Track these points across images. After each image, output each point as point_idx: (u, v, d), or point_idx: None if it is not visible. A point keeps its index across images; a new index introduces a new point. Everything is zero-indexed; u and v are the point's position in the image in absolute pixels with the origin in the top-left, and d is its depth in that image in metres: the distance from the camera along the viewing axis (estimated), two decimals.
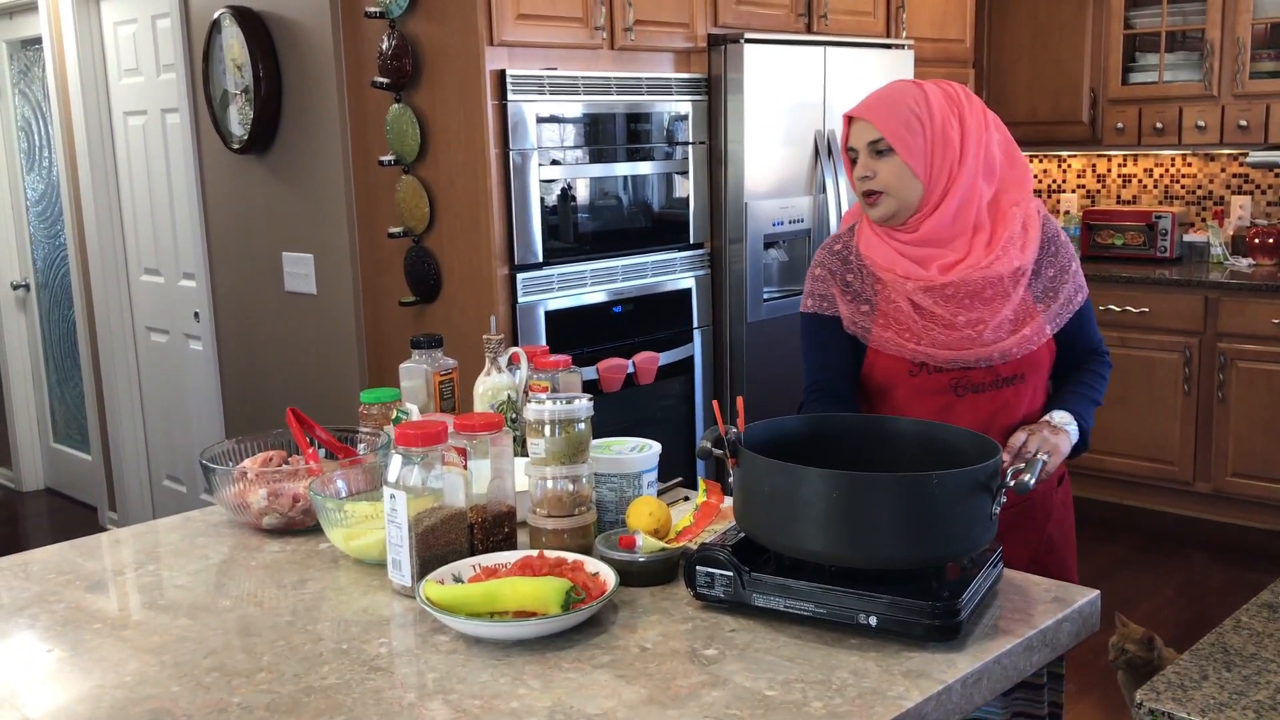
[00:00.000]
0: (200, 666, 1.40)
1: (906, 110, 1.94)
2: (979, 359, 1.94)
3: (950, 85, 2.00)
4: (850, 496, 1.38)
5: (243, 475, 1.88)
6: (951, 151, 1.94)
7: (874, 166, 1.96)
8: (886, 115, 1.95)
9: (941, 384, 1.96)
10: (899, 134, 1.93)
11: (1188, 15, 4.93)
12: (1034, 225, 1.98)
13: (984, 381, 1.97)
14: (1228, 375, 4.61)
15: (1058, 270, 2.00)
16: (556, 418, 1.63)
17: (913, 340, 1.95)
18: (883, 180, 1.95)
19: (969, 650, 1.38)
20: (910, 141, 1.93)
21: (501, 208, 3.27)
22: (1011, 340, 1.94)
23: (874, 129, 1.95)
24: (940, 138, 1.94)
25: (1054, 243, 2.01)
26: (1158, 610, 3.98)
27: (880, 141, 1.95)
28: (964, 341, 1.93)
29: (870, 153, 1.96)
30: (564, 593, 1.42)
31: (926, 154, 1.94)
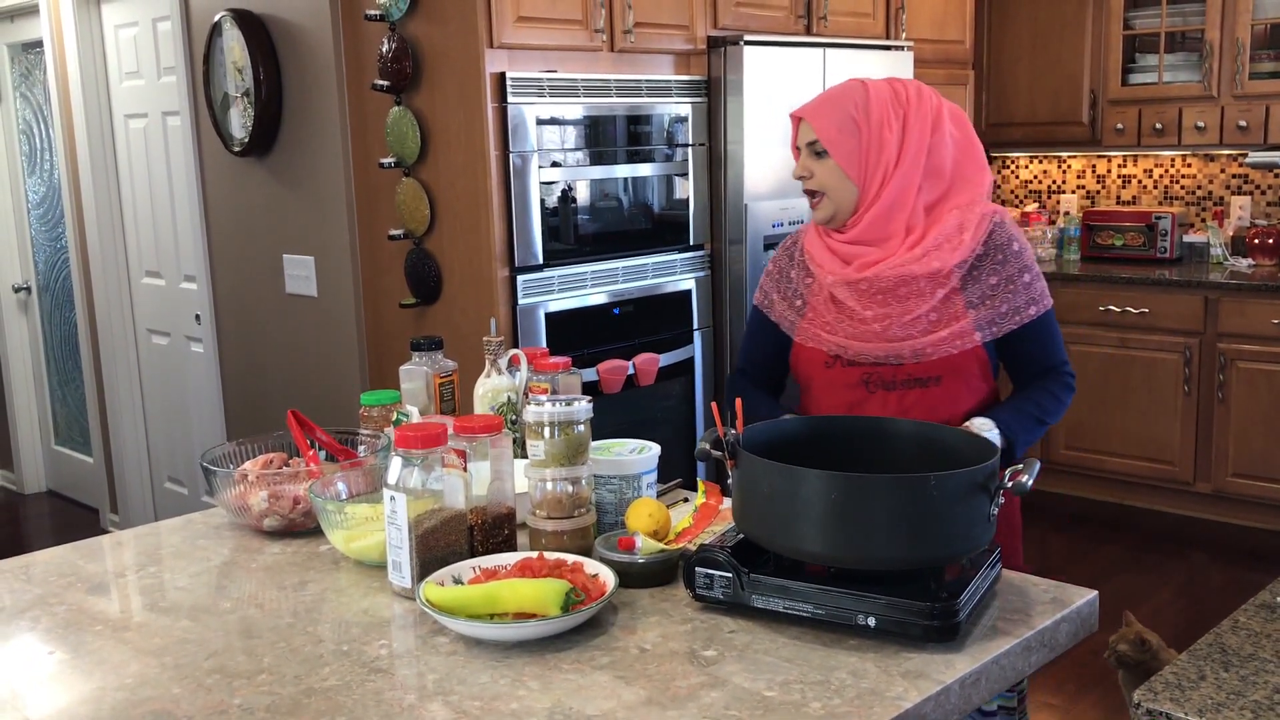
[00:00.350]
0: (201, 668, 1.40)
1: (844, 112, 1.97)
2: (887, 355, 1.95)
3: (904, 84, 2.00)
4: (848, 498, 1.39)
5: (243, 477, 1.88)
6: (887, 154, 1.95)
7: (811, 167, 2.00)
8: (824, 117, 1.97)
9: (853, 378, 1.98)
10: (832, 136, 1.96)
11: (1187, 16, 4.93)
12: (974, 229, 1.95)
13: (894, 379, 1.97)
14: (1228, 375, 4.61)
15: (1003, 279, 1.96)
16: (556, 419, 1.63)
17: (829, 333, 1.99)
18: (819, 181, 1.99)
19: (967, 651, 1.39)
20: (843, 144, 1.96)
21: (502, 210, 3.28)
22: (925, 340, 1.94)
23: (812, 130, 1.99)
24: (875, 141, 1.95)
25: (1003, 250, 1.97)
26: (1158, 610, 3.98)
27: (817, 143, 1.98)
28: (870, 335, 1.95)
29: (809, 153, 2.00)
30: (563, 594, 1.43)
31: (860, 156, 1.96)
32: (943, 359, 1.95)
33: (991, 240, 1.97)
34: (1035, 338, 2.00)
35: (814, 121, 1.98)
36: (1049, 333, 2.03)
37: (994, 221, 1.99)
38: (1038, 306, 1.99)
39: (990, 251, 1.97)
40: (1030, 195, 5.83)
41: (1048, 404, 2.01)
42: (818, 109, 2.00)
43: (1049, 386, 2.02)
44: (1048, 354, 2.03)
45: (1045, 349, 2.03)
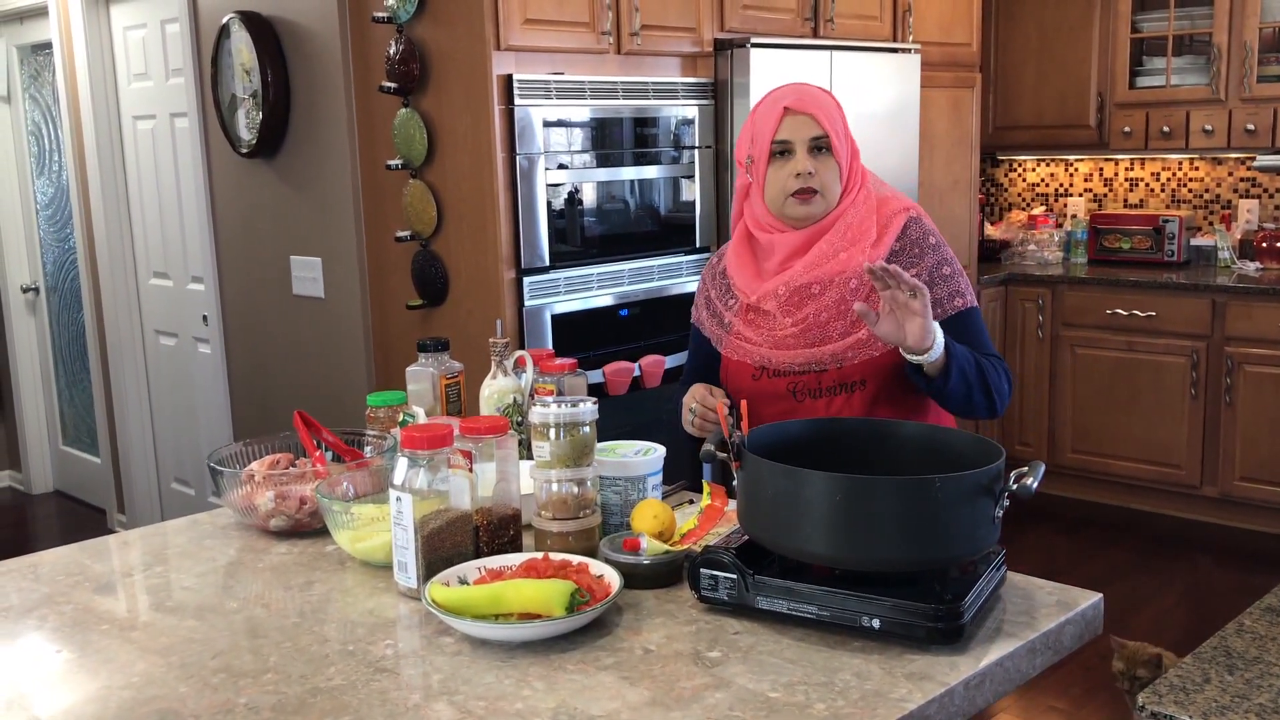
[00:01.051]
0: (207, 667, 1.41)
1: (836, 109, 1.96)
2: (808, 362, 1.92)
3: None
4: (853, 499, 1.39)
5: (250, 478, 1.89)
6: (858, 156, 1.99)
7: (813, 164, 1.92)
8: (830, 112, 1.95)
9: (780, 388, 1.95)
10: (839, 132, 1.95)
11: (1195, 19, 4.93)
12: (890, 226, 1.94)
13: (819, 386, 1.94)
14: (1235, 379, 4.60)
15: (921, 272, 1.92)
16: (561, 421, 1.64)
17: (752, 345, 1.97)
18: (821, 180, 1.93)
19: (972, 653, 1.39)
20: (841, 145, 1.95)
21: (508, 211, 3.28)
22: (844, 343, 1.90)
23: (817, 124, 1.92)
24: (851, 140, 1.98)
25: (919, 245, 1.95)
26: (1163, 614, 3.98)
27: (823, 138, 1.92)
28: (789, 343, 1.92)
29: (810, 149, 1.92)
30: (568, 595, 1.43)
31: (848, 156, 1.97)
32: (866, 362, 1.90)
33: (907, 234, 1.95)
34: (960, 332, 1.92)
35: (823, 116, 1.92)
36: (977, 327, 1.97)
37: (910, 217, 1.97)
38: (963, 299, 1.95)
39: (906, 246, 1.95)
40: (1037, 198, 5.82)
41: (988, 368, 1.92)
42: (818, 103, 1.94)
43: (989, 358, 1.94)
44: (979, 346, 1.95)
45: (973, 342, 1.94)
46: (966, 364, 1.85)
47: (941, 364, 1.82)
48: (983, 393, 1.89)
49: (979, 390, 1.88)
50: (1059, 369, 5.08)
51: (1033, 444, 5.18)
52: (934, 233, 1.99)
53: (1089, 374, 5.00)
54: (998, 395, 1.92)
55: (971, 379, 1.86)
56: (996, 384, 1.92)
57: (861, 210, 1.95)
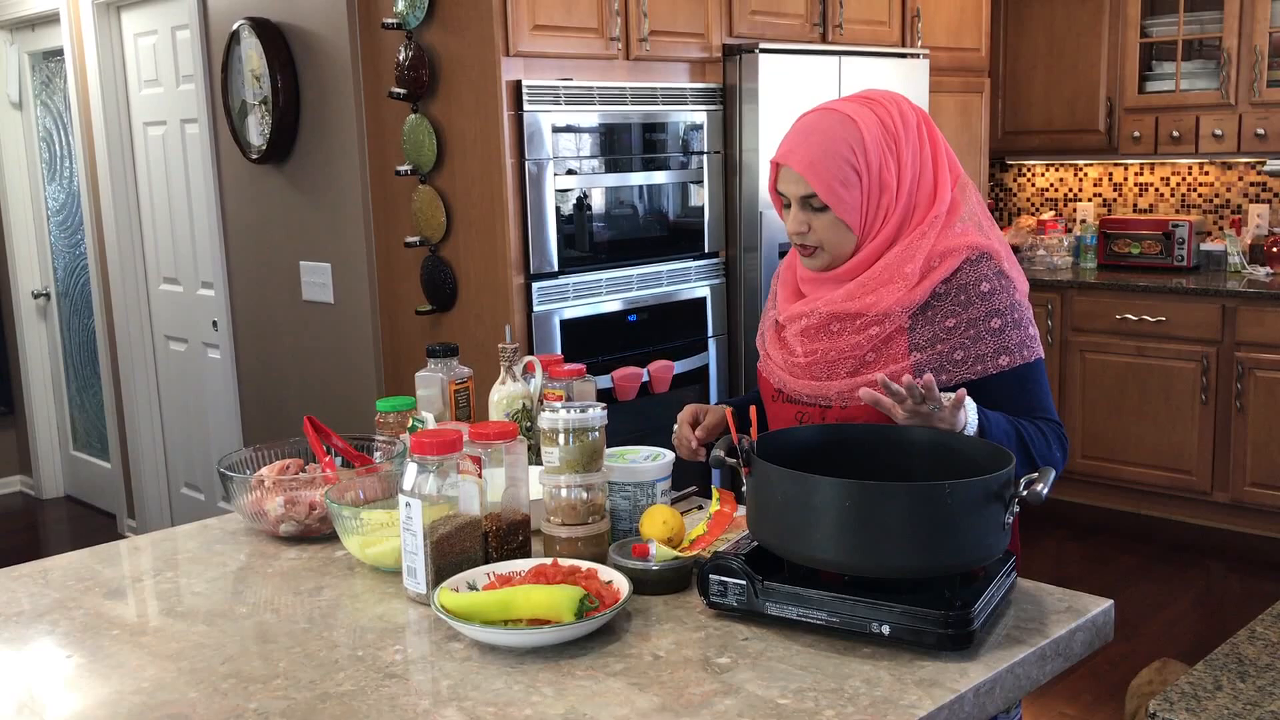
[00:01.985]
0: (217, 673, 1.41)
1: (842, 161, 1.74)
2: (815, 395, 1.79)
3: (884, 106, 1.79)
4: (863, 505, 1.39)
5: (260, 483, 1.89)
6: (888, 196, 1.77)
7: (808, 221, 1.78)
8: (821, 169, 1.74)
9: (789, 414, 1.83)
10: (834, 190, 1.75)
11: (1205, 24, 4.91)
12: (939, 268, 1.74)
13: (823, 420, 1.79)
14: (1246, 384, 4.59)
15: (962, 322, 1.73)
16: (570, 426, 1.64)
17: (774, 364, 1.88)
18: (818, 236, 1.78)
19: (982, 659, 1.38)
20: (846, 197, 1.75)
21: (517, 217, 3.29)
22: (853, 381, 1.75)
23: (805, 184, 1.76)
24: (877, 185, 1.76)
25: (967, 291, 1.74)
26: (1174, 620, 3.96)
27: (814, 198, 1.76)
28: (800, 371, 1.82)
29: (803, 206, 1.78)
30: (578, 601, 1.43)
31: (862, 207, 1.77)
32: (870, 408, 1.67)
33: (955, 279, 1.75)
34: (1007, 392, 1.74)
35: (810, 175, 1.75)
36: (1026, 388, 1.76)
37: (966, 258, 1.76)
38: (1010, 358, 1.74)
39: (952, 291, 1.74)
40: (1046, 203, 5.81)
41: (1033, 434, 1.74)
42: (810, 160, 1.75)
43: (1038, 425, 1.77)
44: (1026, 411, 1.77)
45: (1020, 405, 1.76)
46: (1005, 441, 1.69)
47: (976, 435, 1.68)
48: (1026, 467, 1.68)
49: (1022, 464, 1.67)
50: (1069, 374, 5.07)
51: None
52: (993, 277, 1.75)
53: (1099, 379, 4.98)
54: (1040, 456, 1.73)
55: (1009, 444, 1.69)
56: (1044, 455, 1.74)
57: (906, 250, 1.77)
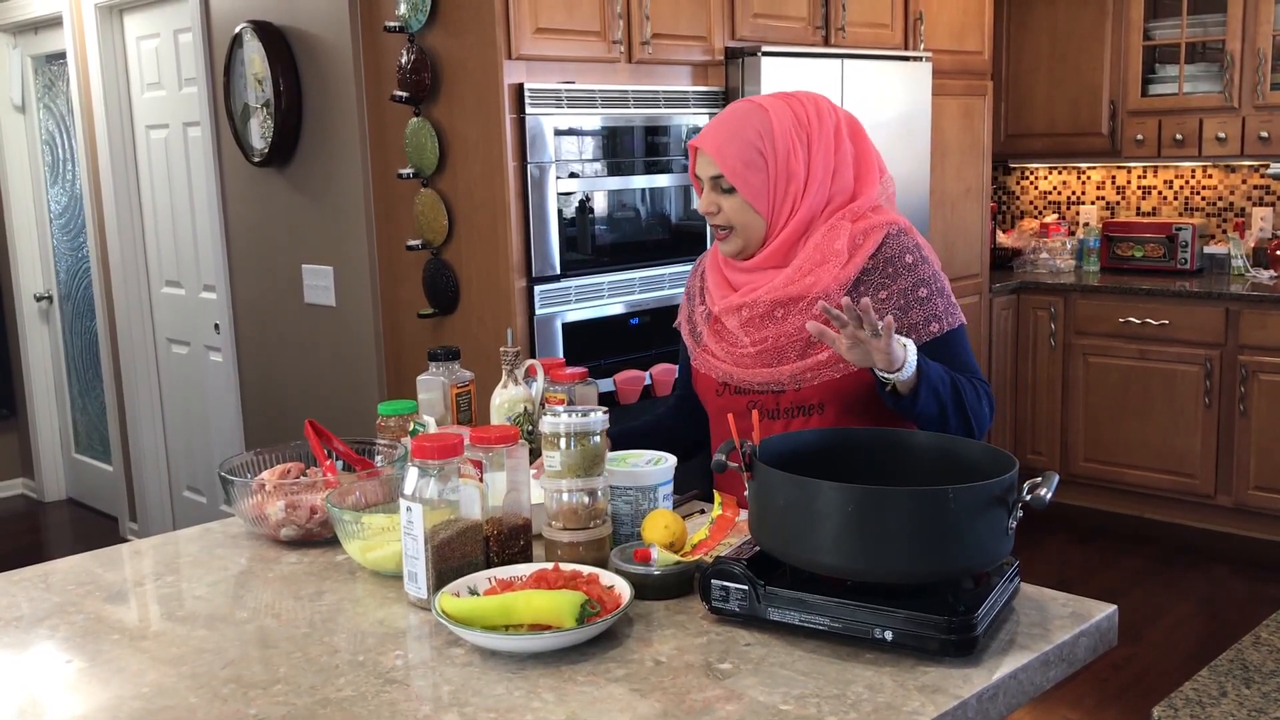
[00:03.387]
0: (218, 678, 1.41)
1: (748, 144, 1.87)
2: (767, 382, 1.88)
3: (801, 102, 1.90)
4: (865, 510, 1.38)
5: (261, 487, 1.89)
6: (795, 184, 1.87)
7: (717, 202, 1.90)
8: (727, 150, 1.86)
9: (741, 405, 1.88)
10: (739, 171, 1.86)
11: (1208, 26, 4.91)
12: (864, 244, 1.86)
13: (776, 407, 1.89)
14: (1249, 388, 4.58)
15: (893, 294, 1.85)
16: (572, 430, 1.63)
17: (718, 359, 1.94)
18: (727, 217, 1.90)
19: (985, 665, 1.38)
20: (751, 179, 1.87)
21: (519, 220, 3.28)
22: (802, 364, 1.85)
23: (714, 164, 1.88)
24: (783, 172, 1.87)
25: (893, 264, 1.85)
26: (1177, 625, 3.95)
27: (722, 179, 1.88)
28: (750, 361, 1.89)
29: (713, 187, 1.90)
30: (579, 606, 1.42)
31: (768, 191, 1.88)
32: (825, 384, 1.84)
33: (881, 253, 1.86)
34: (940, 356, 1.83)
35: (717, 157, 1.87)
36: (955, 352, 1.87)
37: (887, 233, 1.87)
38: (939, 324, 1.85)
39: (879, 265, 1.86)
40: (1049, 206, 5.81)
41: (965, 390, 1.82)
42: (720, 143, 1.88)
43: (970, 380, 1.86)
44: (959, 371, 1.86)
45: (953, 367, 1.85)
46: (940, 385, 1.78)
47: (912, 383, 1.75)
48: (958, 414, 1.81)
49: (954, 411, 1.80)
50: (1071, 378, 5.06)
51: (1045, 453, 5.16)
52: (914, 249, 1.88)
53: (1101, 383, 4.98)
54: (974, 418, 1.83)
55: (945, 399, 1.79)
56: (974, 407, 1.83)
57: (826, 233, 1.88)
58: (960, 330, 1.89)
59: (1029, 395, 5.18)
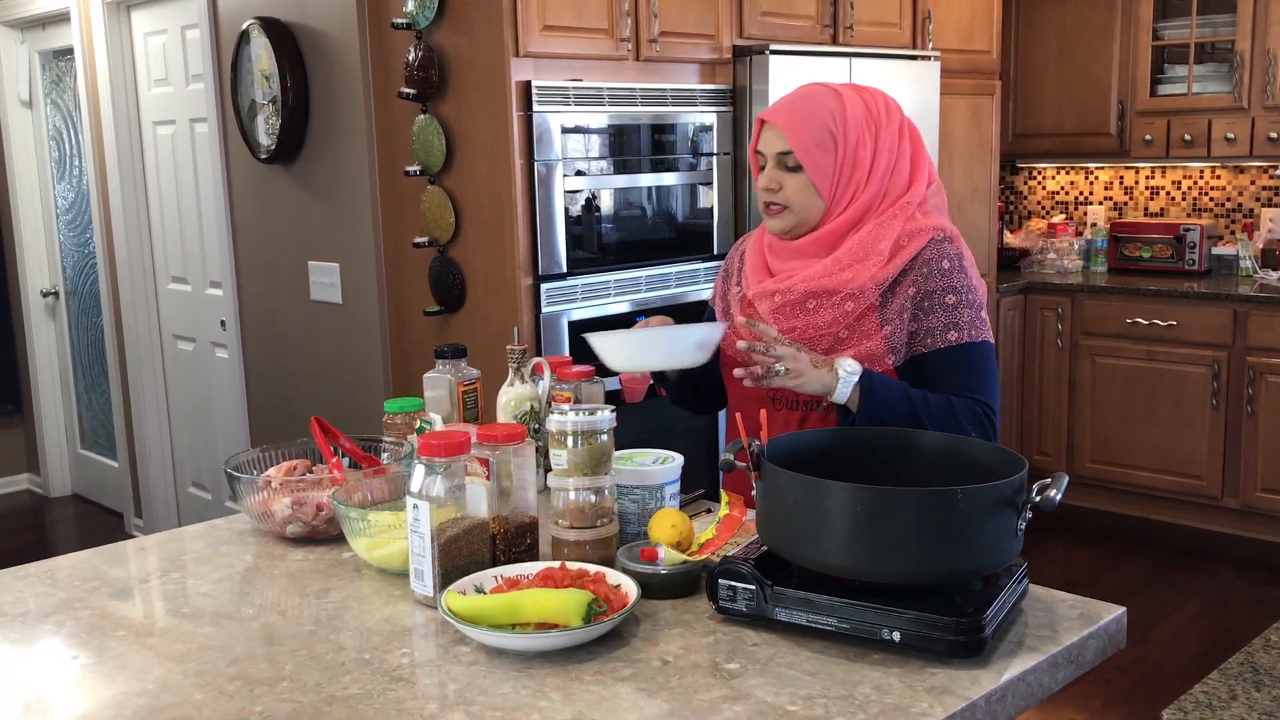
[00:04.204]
0: (223, 675, 1.40)
1: (821, 125, 1.86)
2: None
3: (873, 95, 1.91)
4: (874, 511, 1.37)
5: (267, 484, 1.89)
6: (860, 172, 1.87)
7: (780, 179, 1.88)
8: (800, 127, 1.85)
9: (761, 392, 1.89)
10: (809, 150, 1.85)
11: (1217, 26, 4.89)
12: (908, 246, 1.84)
13: (796, 398, 1.87)
14: (1257, 389, 4.57)
15: (921, 293, 1.84)
16: (579, 429, 1.63)
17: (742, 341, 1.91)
18: (787, 195, 1.89)
19: (993, 667, 1.37)
20: (819, 159, 1.85)
21: (526, 218, 3.28)
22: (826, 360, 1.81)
23: (784, 139, 1.86)
24: (850, 158, 1.86)
25: (928, 265, 1.84)
26: (1184, 627, 3.94)
27: (790, 155, 1.87)
28: None
29: (778, 164, 1.89)
30: (586, 605, 1.42)
31: (834, 174, 1.86)
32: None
33: (921, 256, 1.85)
34: (948, 367, 1.81)
35: (789, 133, 1.86)
36: (965, 367, 1.82)
37: (932, 238, 1.86)
38: (959, 333, 1.83)
39: (916, 266, 1.85)
40: (1057, 206, 5.79)
41: (936, 408, 1.78)
42: (793, 119, 1.87)
43: (953, 400, 1.81)
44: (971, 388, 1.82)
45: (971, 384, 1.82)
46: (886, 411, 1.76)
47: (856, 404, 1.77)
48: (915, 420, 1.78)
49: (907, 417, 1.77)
50: (1078, 378, 5.05)
51: (1051, 454, 5.14)
52: (953, 257, 1.86)
53: (1109, 384, 4.96)
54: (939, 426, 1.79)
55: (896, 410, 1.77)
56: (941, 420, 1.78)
57: (878, 229, 1.87)
58: (982, 347, 1.85)
59: (1036, 396, 5.16)
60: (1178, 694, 1.24)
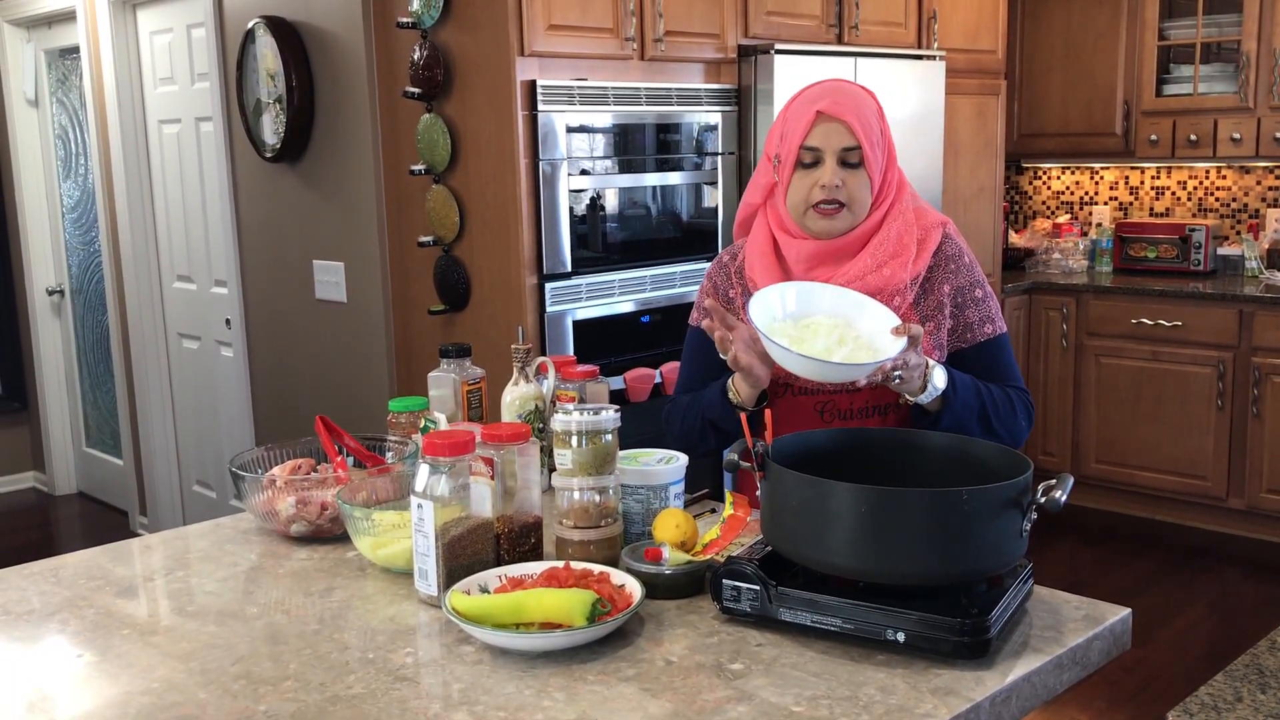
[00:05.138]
0: (228, 674, 1.40)
1: (874, 119, 1.82)
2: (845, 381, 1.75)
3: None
4: (879, 511, 1.37)
5: (271, 483, 1.89)
6: (894, 168, 1.86)
7: (842, 176, 1.79)
8: (864, 119, 1.80)
9: (807, 408, 1.83)
10: (873, 146, 1.80)
11: (1223, 26, 4.88)
12: (927, 240, 1.84)
13: (851, 408, 1.83)
14: (1262, 390, 4.56)
15: (955, 289, 1.85)
16: (584, 429, 1.62)
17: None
18: (850, 194, 1.80)
19: (998, 668, 1.37)
20: (876, 155, 1.82)
21: (531, 217, 3.28)
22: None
23: (850, 134, 1.78)
24: (888, 152, 1.85)
25: (954, 261, 1.86)
26: (1189, 628, 3.93)
27: (855, 151, 1.79)
28: None
29: (839, 159, 1.79)
30: (590, 605, 1.42)
31: (882, 169, 1.83)
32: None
33: (942, 250, 1.87)
34: (994, 363, 1.84)
35: (859, 127, 1.77)
36: (1003, 357, 1.87)
37: (945, 231, 1.88)
38: (993, 326, 1.86)
39: (941, 262, 1.87)
40: (1062, 206, 5.79)
41: (998, 406, 1.82)
42: (858, 114, 1.79)
43: (1009, 393, 1.85)
44: (1003, 378, 1.86)
45: (997, 373, 1.85)
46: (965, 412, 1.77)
47: (937, 406, 1.76)
48: (985, 434, 1.80)
49: (980, 433, 1.79)
50: (1083, 379, 5.04)
51: (1056, 454, 5.14)
52: (967, 251, 1.91)
53: (1114, 384, 4.95)
54: (1007, 434, 1.83)
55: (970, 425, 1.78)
56: (1008, 423, 1.83)
57: (900, 223, 1.84)
58: (1007, 336, 1.90)
59: (1040, 396, 5.15)
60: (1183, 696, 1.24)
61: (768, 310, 1.74)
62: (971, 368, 1.85)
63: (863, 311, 1.75)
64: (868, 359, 1.66)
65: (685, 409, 2.00)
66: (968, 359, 1.86)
